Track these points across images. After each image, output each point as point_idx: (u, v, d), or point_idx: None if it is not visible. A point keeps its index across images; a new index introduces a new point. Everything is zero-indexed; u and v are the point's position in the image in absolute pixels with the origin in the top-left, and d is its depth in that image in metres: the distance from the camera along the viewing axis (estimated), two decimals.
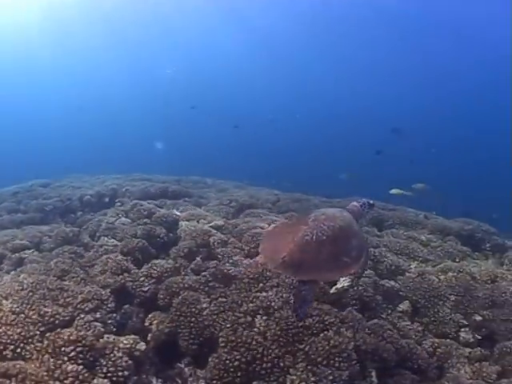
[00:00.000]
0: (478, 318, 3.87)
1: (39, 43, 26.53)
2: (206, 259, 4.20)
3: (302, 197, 5.78)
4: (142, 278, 3.92)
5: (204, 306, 3.46)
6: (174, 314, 3.44)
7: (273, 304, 3.34)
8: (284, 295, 3.43)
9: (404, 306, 4.00)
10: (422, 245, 4.90)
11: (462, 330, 3.75)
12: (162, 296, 3.69)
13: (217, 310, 3.38)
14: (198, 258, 4.12)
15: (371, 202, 3.18)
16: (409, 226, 5.33)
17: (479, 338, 3.72)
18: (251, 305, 3.35)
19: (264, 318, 3.27)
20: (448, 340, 3.60)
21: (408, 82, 30.36)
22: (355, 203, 3.02)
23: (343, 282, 3.96)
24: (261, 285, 3.62)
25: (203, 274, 3.77)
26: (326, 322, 3.26)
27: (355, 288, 3.89)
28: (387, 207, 5.76)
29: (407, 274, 4.23)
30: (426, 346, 3.52)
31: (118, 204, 5.27)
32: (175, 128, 30.11)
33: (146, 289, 3.85)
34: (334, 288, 3.91)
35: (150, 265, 4.04)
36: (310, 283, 2.35)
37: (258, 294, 3.50)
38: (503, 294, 3.94)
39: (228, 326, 3.23)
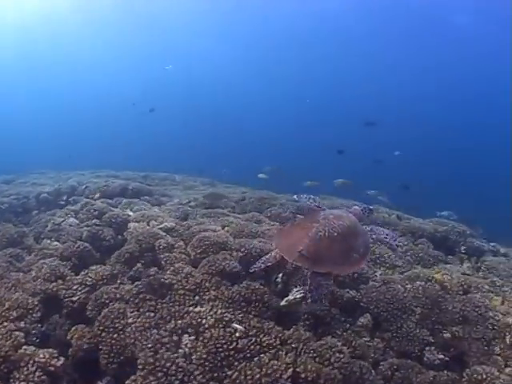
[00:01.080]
0: (447, 335, 3.25)
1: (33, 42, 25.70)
2: (149, 265, 3.64)
3: (268, 195, 5.19)
4: (75, 286, 3.36)
5: (130, 320, 2.89)
6: (97, 329, 2.88)
7: (204, 322, 2.78)
8: (219, 311, 2.85)
9: (364, 319, 3.39)
10: (390, 248, 4.29)
11: (427, 348, 3.15)
12: (90, 307, 3.13)
13: (141, 326, 2.81)
14: (139, 265, 3.55)
15: (371, 207, 3.24)
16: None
17: (446, 358, 3.11)
18: (180, 322, 2.78)
19: (192, 337, 2.70)
20: (410, 361, 3.00)
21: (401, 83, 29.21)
22: (356, 207, 3.12)
23: (295, 293, 3.36)
24: (197, 298, 3.04)
25: (137, 283, 3.20)
26: (264, 344, 2.68)
27: (309, 300, 3.31)
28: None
29: (371, 283, 3.62)
30: (383, 368, 2.92)
31: (71, 203, 4.71)
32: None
33: (75, 298, 3.30)
34: (284, 300, 3.33)
35: (86, 271, 3.49)
36: (324, 275, 2.47)
37: (191, 308, 2.92)
38: (477, 309, 3.33)
39: (149, 345, 2.66)
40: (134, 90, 31.00)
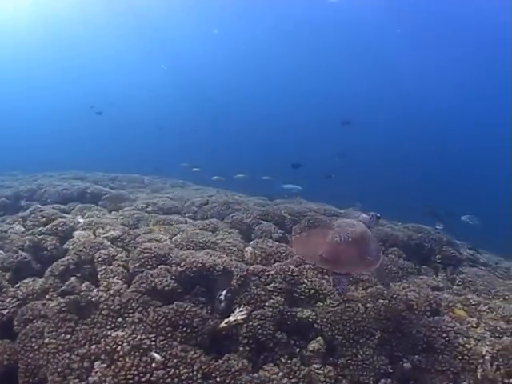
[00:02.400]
0: (407, 364, 2.69)
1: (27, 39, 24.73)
2: (87, 279, 3.15)
3: (233, 199, 4.63)
4: (8, 299, 2.92)
5: (46, 341, 2.44)
6: (18, 346, 2.49)
7: (119, 349, 2.29)
8: (139, 337, 2.35)
9: (316, 343, 2.85)
10: None
11: (383, 381, 2.59)
12: (16, 322, 2.70)
13: (55, 348, 2.37)
14: (73, 279, 3.06)
15: (378, 215, 3.22)
16: None
17: None
18: (94, 347, 2.31)
19: (104, 365, 2.23)
20: None
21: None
22: (365, 215, 3.14)
23: (237, 314, 2.83)
24: (120, 319, 2.55)
25: (61, 300, 2.72)
26: (183, 377, 2.17)
27: (250, 323, 2.77)
28: (327, 211, 4.55)
29: (328, 301, 3.07)
30: None
31: (24, 208, 4.25)
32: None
33: (5, 312, 2.85)
34: (224, 321, 2.80)
35: (19, 284, 3.02)
36: (343, 276, 2.55)
37: (111, 332, 2.44)
38: (444, 334, 2.75)
39: (59, 370, 2.23)
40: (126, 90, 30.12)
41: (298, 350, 2.86)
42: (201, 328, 2.53)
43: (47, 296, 2.90)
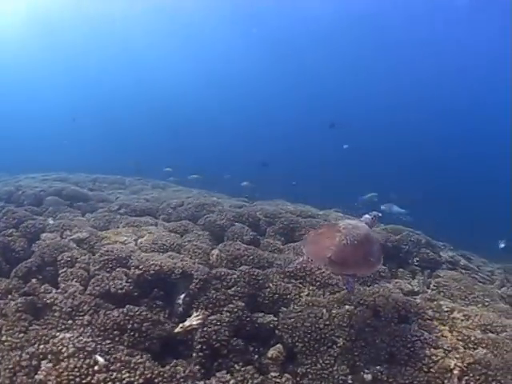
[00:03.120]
0: (367, 376, 2.48)
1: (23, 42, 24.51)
2: (49, 281, 3.03)
3: (209, 201, 4.44)
4: None
5: (3, 338, 2.38)
6: None
7: (64, 350, 2.18)
8: (85, 339, 2.23)
9: (274, 351, 2.67)
10: None
11: None
12: None
13: (9, 345, 2.29)
14: (34, 280, 2.94)
15: (380, 214, 3.21)
16: None
17: None
18: (42, 346, 2.22)
19: (49, 364, 2.14)
20: None
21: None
22: (367, 216, 3.12)
23: (192, 319, 2.67)
24: (70, 321, 2.43)
25: (19, 300, 2.61)
26: (124, 382, 2.04)
27: (205, 328, 2.60)
28: (304, 212, 4.34)
29: (292, 306, 2.89)
30: None
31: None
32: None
33: None
34: (179, 326, 2.64)
35: None
36: (350, 276, 2.58)
37: (60, 333, 2.33)
38: (409, 344, 2.52)
39: (10, 366, 2.15)
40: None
41: (256, 357, 2.70)
42: (150, 333, 2.38)
43: (9, 296, 2.79)
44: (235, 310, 2.73)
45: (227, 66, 28.61)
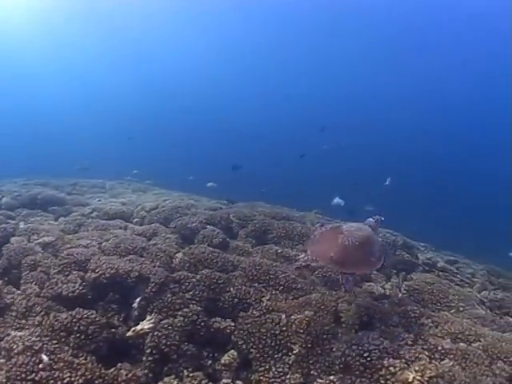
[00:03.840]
0: None
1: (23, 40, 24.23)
2: (14, 283, 2.99)
3: (185, 204, 4.37)
4: None
5: None
6: None
7: (15, 347, 2.17)
8: (34, 338, 2.21)
9: (228, 357, 2.55)
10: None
11: None
12: None
13: None
14: (0, 282, 2.91)
15: (382, 218, 3.26)
16: (295, 240, 3.75)
17: None
18: None
19: (2, 360, 2.13)
20: None
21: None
22: (371, 219, 3.20)
23: (144, 323, 2.57)
24: (23, 321, 2.42)
25: None
26: (65, 381, 2.00)
27: (156, 332, 2.50)
28: (279, 214, 4.16)
29: (251, 311, 2.75)
30: None
31: None
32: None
33: None
34: (131, 330, 2.54)
35: None
36: (351, 275, 2.66)
37: (13, 332, 2.31)
38: (366, 354, 2.32)
39: None
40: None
41: (210, 362, 2.58)
42: (96, 335, 2.32)
43: None
44: (189, 314, 2.61)
45: (199, 66, 27.97)
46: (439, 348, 2.51)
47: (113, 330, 2.54)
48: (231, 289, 2.90)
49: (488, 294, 3.50)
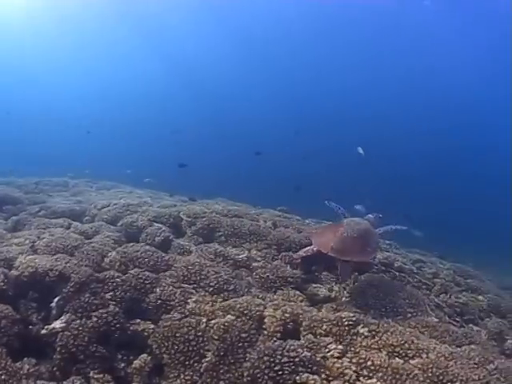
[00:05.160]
0: None
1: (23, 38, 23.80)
2: None
3: (138, 201, 4.15)
4: None
5: None
6: None
7: None
8: None
9: (139, 361, 2.35)
10: (234, 266, 3.06)
11: None
12: None
13: None
14: None
15: (380, 215, 3.44)
16: (242, 238, 3.48)
17: None
18: None
19: None
20: None
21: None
22: (370, 215, 3.41)
23: (57, 322, 2.41)
24: None
25: None
26: None
27: (67, 332, 2.34)
28: (231, 211, 3.89)
29: (173, 313, 2.53)
30: None
31: None
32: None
33: None
34: (45, 328, 2.41)
35: None
36: (348, 262, 2.93)
37: None
38: (278, 367, 1.98)
39: None
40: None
41: (123, 365, 2.41)
42: (7, 329, 2.24)
43: None
44: (104, 315, 2.44)
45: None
46: (369, 363, 2.15)
47: (30, 326, 2.45)
48: (157, 289, 2.70)
49: (448, 297, 3.13)
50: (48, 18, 22.31)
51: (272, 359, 2.07)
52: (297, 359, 2.08)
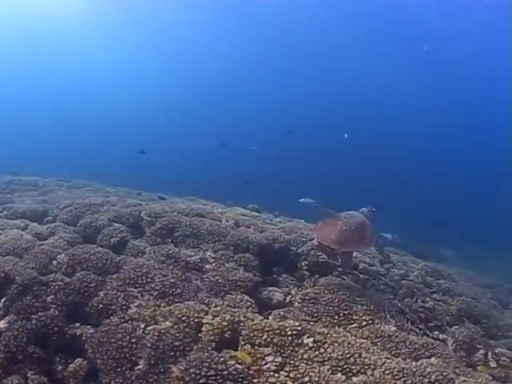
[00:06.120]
0: None
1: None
2: None
3: (101, 201, 4.08)
4: None
5: None
6: None
7: None
8: None
9: (75, 364, 2.37)
10: (186, 268, 2.95)
11: None
12: None
13: None
14: None
15: (374, 209, 3.62)
16: (200, 238, 3.41)
17: None
18: None
19: None
20: None
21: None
22: (365, 209, 3.56)
23: (1, 322, 2.49)
24: None
25: None
26: None
27: (8, 332, 2.39)
28: (194, 211, 3.82)
29: (111, 319, 2.51)
30: None
31: None
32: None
33: None
34: None
35: None
36: (348, 253, 3.23)
37: None
38: (202, 380, 1.91)
39: None
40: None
41: (60, 367, 2.43)
42: None
43: None
44: (43, 318, 2.47)
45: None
46: (306, 379, 2.04)
47: None
48: (101, 293, 2.70)
49: (414, 301, 2.97)
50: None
51: (198, 371, 2.03)
52: (225, 372, 2.02)
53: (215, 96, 26.62)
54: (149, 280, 2.80)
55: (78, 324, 2.52)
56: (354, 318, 2.63)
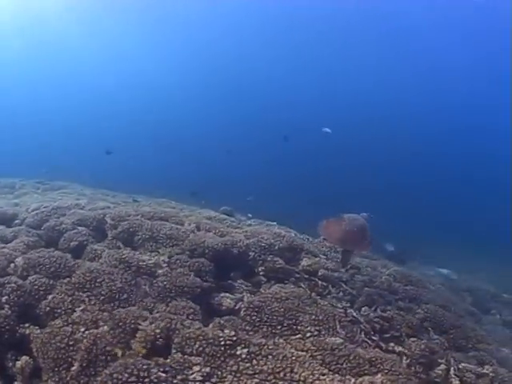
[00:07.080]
0: None
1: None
2: None
3: (67, 204, 4.20)
4: None
5: None
6: None
7: None
8: None
9: (21, 362, 2.53)
10: (137, 273, 3.03)
11: None
12: None
13: None
14: None
15: (372, 215, 3.83)
16: (159, 242, 3.46)
17: None
18: None
19: None
20: None
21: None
22: (364, 214, 3.78)
23: None
24: None
25: None
26: None
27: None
28: (157, 214, 3.87)
29: (56, 321, 2.63)
30: None
31: None
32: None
33: None
34: None
35: None
36: (348, 251, 3.56)
37: None
38: (134, 379, 2.02)
39: None
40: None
41: (11, 364, 2.60)
42: None
43: None
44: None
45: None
46: None
47: None
48: (50, 296, 2.84)
49: (372, 311, 2.88)
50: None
51: (120, 377, 2.11)
52: (146, 380, 2.09)
53: (215, 96, 26.84)
54: (97, 285, 2.92)
55: (27, 324, 2.68)
56: (299, 328, 2.60)
